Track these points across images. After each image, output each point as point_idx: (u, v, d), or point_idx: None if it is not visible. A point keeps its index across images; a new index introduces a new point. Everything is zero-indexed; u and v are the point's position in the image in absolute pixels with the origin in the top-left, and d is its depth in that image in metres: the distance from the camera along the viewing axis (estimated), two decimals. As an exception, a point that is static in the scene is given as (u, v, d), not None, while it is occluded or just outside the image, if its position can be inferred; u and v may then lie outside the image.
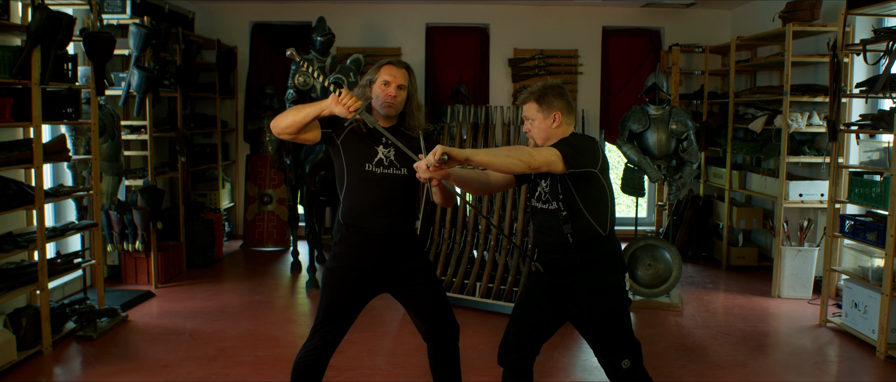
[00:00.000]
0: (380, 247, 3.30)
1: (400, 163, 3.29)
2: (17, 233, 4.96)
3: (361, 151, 3.25)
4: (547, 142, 3.21)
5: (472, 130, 6.32)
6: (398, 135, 3.30)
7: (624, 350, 3.17)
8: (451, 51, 9.31)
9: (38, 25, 4.63)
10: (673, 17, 9.16)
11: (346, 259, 3.30)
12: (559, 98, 3.21)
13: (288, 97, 7.16)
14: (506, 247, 6.01)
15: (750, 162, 7.98)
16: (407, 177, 3.31)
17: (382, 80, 3.24)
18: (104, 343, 5.14)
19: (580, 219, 3.14)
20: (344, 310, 3.34)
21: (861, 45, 5.26)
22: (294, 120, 3.15)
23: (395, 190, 3.29)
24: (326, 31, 7.31)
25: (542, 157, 2.98)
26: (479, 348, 5.11)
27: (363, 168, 3.24)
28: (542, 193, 3.25)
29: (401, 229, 3.36)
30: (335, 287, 3.32)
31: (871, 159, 5.36)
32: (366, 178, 3.24)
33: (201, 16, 8.76)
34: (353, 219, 3.28)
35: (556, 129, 3.20)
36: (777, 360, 4.98)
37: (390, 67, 3.27)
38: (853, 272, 5.48)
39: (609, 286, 3.18)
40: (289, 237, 8.59)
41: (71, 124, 5.60)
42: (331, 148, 3.32)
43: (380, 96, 3.24)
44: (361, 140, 3.26)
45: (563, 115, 3.20)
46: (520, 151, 2.98)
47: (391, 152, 3.28)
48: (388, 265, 3.34)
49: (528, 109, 3.24)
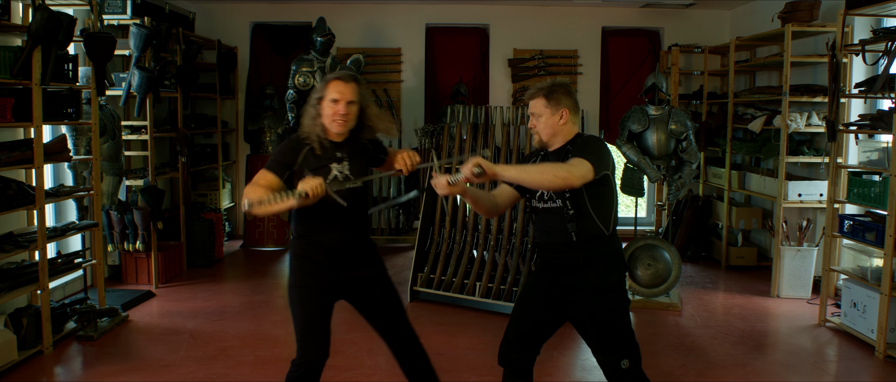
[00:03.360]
0: (335, 257, 3.30)
1: (355, 176, 3.30)
2: (18, 233, 4.97)
3: (316, 172, 3.20)
4: (552, 138, 3.21)
5: (472, 131, 6.33)
6: (351, 151, 3.31)
7: (623, 350, 3.16)
8: (450, 51, 9.32)
9: (38, 26, 4.64)
10: (672, 17, 9.17)
11: (307, 270, 3.28)
12: (567, 96, 3.21)
13: (288, 97, 7.19)
14: (505, 247, 6.02)
15: (749, 162, 7.99)
16: (361, 189, 3.34)
17: (331, 97, 3.20)
18: (105, 343, 5.15)
19: (585, 218, 3.13)
20: (321, 320, 3.33)
21: (860, 46, 5.27)
22: (266, 211, 3.07)
23: (352, 202, 3.28)
24: (326, 31, 7.33)
25: (579, 172, 2.96)
26: (479, 348, 5.12)
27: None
28: (544, 192, 3.23)
29: (354, 239, 3.36)
30: (305, 301, 3.30)
31: (870, 159, 5.37)
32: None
33: (201, 16, 8.77)
34: (308, 233, 3.28)
35: (563, 126, 3.20)
36: (776, 360, 4.99)
37: (338, 83, 3.21)
38: (852, 272, 5.48)
39: (611, 286, 3.18)
40: (289, 237, 8.59)
41: (72, 125, 5.60)
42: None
43: (329, 115, 3.21)
44: (314, 160, 3.23)
45: (570, 113, 3.20)
46: (556, 168, 2.97)
47: (346, 166, 3.27)
48: (346, 271, 3.34)
49: (535, 104, 3.23)
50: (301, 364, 3.32)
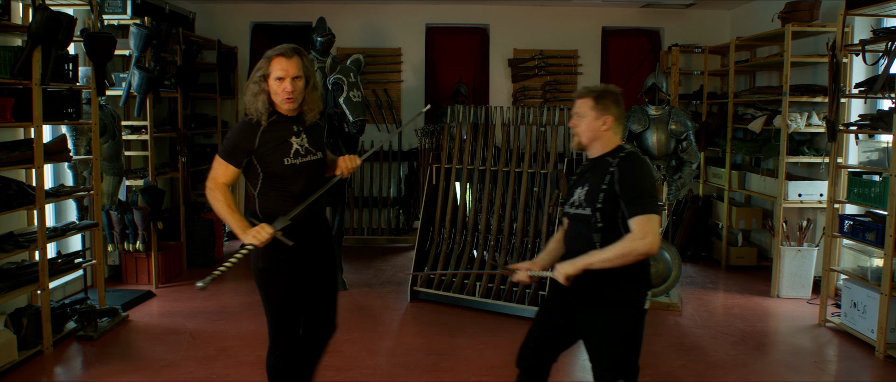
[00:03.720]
0: (302, 233, 3.27)
1: (315, 147, 3.31)
2: (18, 233, 4.97)
3: (277, 148, 3.21)
4: (592, 142, 3.15)
5: (472, 131, 6.34)
6: (302, 124, 3.31)
7: (622, 371, 3.09)
8: (451, 51, 9.32)
9: (38, 26, 4.64)
10: (672, 17, 9.17)
11: (275, 254, 3.24)
12: (616, 105, 3.14)
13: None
14: (505, 247, 6.02)
15: (749, 162, 7.99)
16: (321, 160, 3.36)
17: (275, 75, 3.17)
18: (105, 343, 5.15)
19: (613, 230, 3.05)
20: (295, 302, 3.35)
21: (860, 46, 5.27)
22: (219, 212, 3.24)
23: (313, 176, 3.31)
24: (327, 31, 7.32)
25: (654, 234, 2.93)
26: (479, 348, 5.12)
27: (282, 164, 3.22)
28: (577, 199, 3.18)
29: (320, 212, 3.41)
30: (277, 285, 3.30)
31: (870, 159, 5.37)
32: (286, 172, 3.22)
33: (202, 16, 8.77)
34: (274, 212, 3.23)
35: (604, 132, 3.12)
36: (776, 360, 4.99)
37: (281, 59, 3.17)
38: (852, 272, 5.48)
39: (628, 302, 3.08)
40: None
41: (72, 125, 5.60)
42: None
43: (278, 93, 3.18)
44: (273, 137, 3.21)
45: (614, 121, 3.13)
46: (632, 245, 2.93)
47: (304, 139, 3.28)
48: (312, 248, 3.36)
49: (581, 104, 3.17)
50: (274, 348, 3.33)
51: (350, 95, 5.89)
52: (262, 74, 3.19)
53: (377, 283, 6.96)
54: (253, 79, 3.21)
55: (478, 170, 6.24)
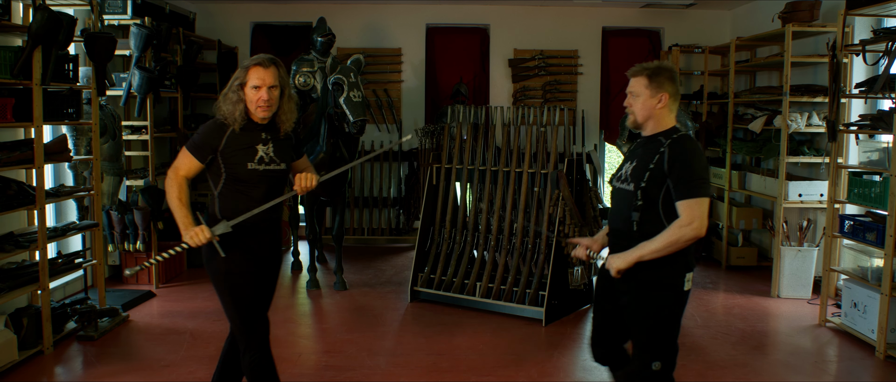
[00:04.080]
0: (258, 237, 3.39)
1: (279, 158, 3.38)
2: (19, 233, 4.97)
3: (241, 151, 3.29)
4: (646, 121, 3.17)
5: (473, 131, 6.33)
6: (275, 135, 3.39)
7: (658, 352, 3.10)
8: (451, 51, 9.32)
9: (39, 26, 4.64)
10: (672, 17, 9.16)
11: (234, 254, 3.31)
12: (670, 82, 3.14)
13: (288, 97, 7.18)
14: (506, 247, 6.02)
15: (749, 162, 7.99)
16: (284, 171, 3.43)
17: (252, 84, 3.25)
18: (105, 343, 5.15)
19: (651, 209, 3.06)
20: (260, 301, 3.42)
21: (860, 46, 5.27)
22: (170, 202, 3.32)
23: (275, 184, 3.39)
24: (327, 31, 7.33)
25: (702, 220, 2.95)
26: (479, 348, 5.12)
27: (245, 167, 3.30)
28: (624, 174, 3.21)
29: (275, 220, 3.48)
30: (244, 285, 3.35)
31: (870, 159, 5.37)
32: (247, 176, 3.30)
33: (202, 16, 8.77)
34: (233, 214, 3.30)
35: (660, 109, 3.13)
36: (776, 360, 4.99)
37: (258, 69, 3.26)
38: (852, 272, 5.48)
39: (665, 283, 3.08)
40: (289, 238, 8.59)
41: (72, 125, 5.60)
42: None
43: (253, 101, 3.26)
44: (239, 141, 3.30)
45: (669, 98, 3.14)
46: (681, 232, 2.95)
47: (270, 148, 3.35)
48: (266, 252, 3.45)
49: (636, 83, 3.18)
50: (249, 349, 3.36)
51: (350, 95, 5.89)
52: (239, 82, 3.28)
53: (377, 283, 6.96)
54: (231, 87, 3.30)
55: (478, 170, 6.24)
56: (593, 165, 6.30)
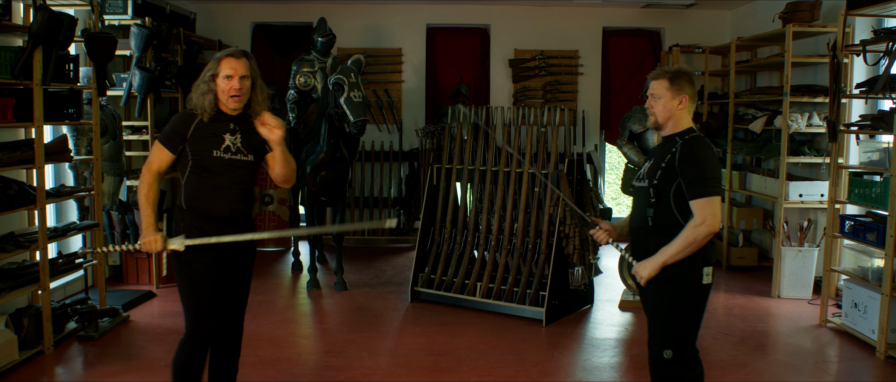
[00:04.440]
0: (225, 229, 3.38)
1: (247, 150, 3.40)
2: (19, 233, 4.97)
3: (208, 139, 3.32)
4: (668, 121, 3.26)
5: (473, 131, 6.33)
6: (245, 126, 3.40)
7: (671, 341, 3.23)
8: (451, 51, 9.33)
9: (39, 26, 4.64)
10: (673, 17, 9.17)
11: (200, 245, 3.33)
12: (690, 84, 3.26)
13: (289, 98, 7.18)
14: (506, 247, 6.02)
15: (750, 162, 7.99)
16: (251, 163, 3.43)
17: (224, 74, 3.30)
18: (106, 343, 5.15)
19: (664, 205, 3.20)
20: (217, 294, 3.40)
21: (861, 46, 5.27)
22: (139, 199, 3.38)
23: (241, 175, 3.41)
24: (327, 31, 7.33)
25: (714, 218, 3.08)
26: (480, 348, 5.12)
27: (210, 154, 3.33)
28: (642, 173, 3.36)
29: (243, 212, 3.47)
30: (201, 277, 3.35)
31: (870, 159, 5.37)
32: (213, 164, 3.33)
33: (202, 16, 8.77)
34: (198, 202, 3.35)
35: (680, 111, 3.24)
36: (777, 360, 4.99)
37: (230, 59, 3.31)
38: (853, 273, 5.48)
39: (680, 276, 3.19)
40: (290, 238, 8.60)
41: (72, 125, 5.61)
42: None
43: (225, 91, 3.31)
44: (206, 129, 3.33)
45: (689, 100, 3.25)
46: (696, 232, 3.09)
47: (238, 138, 3.37)
48: (234, 246, 3.42)
49: (657, 85, 3.28)
50: (192, 340, 3.38)
51: (351, 95, 5.89)
52: (211, 73, 3.32)
53: (378, 283, 6.96)
54: (203, 78, 3.34)
55: (478, 170, 6.24)
56: (594, 165, 6.29)
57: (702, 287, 3.22)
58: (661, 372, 3.30)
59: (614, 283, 6.78)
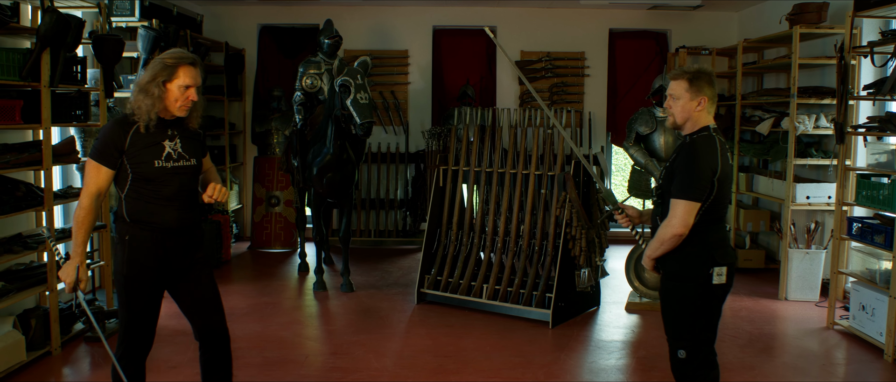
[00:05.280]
0: (171, 240, 3.25)
1: (188, 154, 3.27)
2: (27, 234, 4.99)
3: (147, 149, 3.15)
4: (687, 122, 3.28)
5: (479, 133, 6.33)
6: (181, 130, 3.28)
7: (682, 340, 3.26)
8: (458, 53, 9.33)
9: (47, 28, 4.66)
10: (680, 19, 9.15)
11: (140, 259, 3.21)
12: (710, 85, 3.26)
13: (295, 99, 7.19)
14: (512, 249, 6.01)
15: (757, 164, 7.97)
16: (195, 167, 3.32)
17: (183, 83, 3.16)
18: (113, 344, 5.15)
19: (665, 205, 3.24)
20: (149, 312, 3.32)
21: (868, 48, 5.25)
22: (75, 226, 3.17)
23: (185, 182, 3.26)
24: (334, 33, 7.33)
25: (681, 222, 3.12)
26: (486, 349, 5.12)
27: (152, 166, 3.16)
28: (661, 172, 3.46)
29: (191, 222, 3.34)
30: (136, 293, 3.25)
31: (878, 161, 5.35)
32: (156, 174, 3.17)
33: (209, 18, 8.79)
34: (143, 215, 3.19)
35: (699, 112, 3.25)
36: (784, 363, 4.98)
37: (189, 68, 3.17)
38: (861, 275, 5.46)
39: (689, 274, 3.22)
40: (296, 239, 8.61)
41: (80, 126, 5.63)
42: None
43: (179, 99, 3.17)
44: (144, 139, 3.16)
45: (708, 101, 3.25)
46: (663, 230, 3.17)
47: (177, 143, 3.24)
48: (180, 256, 3.31)
49: (676, 86, 3.28)
50: (125, 357, 3.31)
51: (357, 97, 5.90)
52: (163, 79, 3.15)
53: (384, 285, 6.96)
54: (154, 81, 3.14)
55: (485, 172, 6.24)
56: (600, 166, 6.29)
57: (712, 288, 3.21)
58: (677, 372, 3.33)
59: (621, 285, 6.77)
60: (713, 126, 3.26)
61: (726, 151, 3.24)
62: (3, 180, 4.71)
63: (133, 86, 3.22)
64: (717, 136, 3.25)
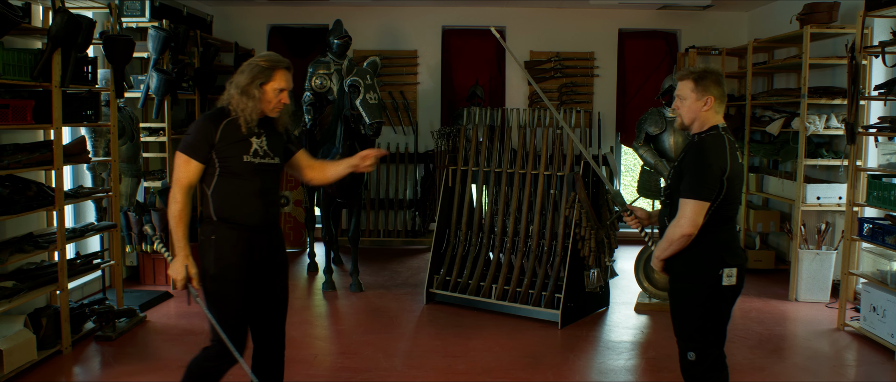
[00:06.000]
0: (257, 238, 3.29)
1: (273, 152, 3.33)
2: (38, 234, 5.02)
3: (236, 144, 3.21)
4: (694, 122, 3.27)
5: (489, 133, 6.33)
6: (269, 129, 3.33)
7: (690, 341, 3.26)
8: (467, 53, 9.33)
9: (58, 29, 4.68)
10: (689, 19, 9.13)
11: (228, 257, 3.23)
12: (716, 85, 3.24)
13: (305, 99, 7.21)
14: (521, 250, 6.01)
15: (767, 165, 7.94)
16: (279, 166, 3.39)
17: (278, 86, 3.23)
18: (123, 343, 5.19)
19: (673, 205, 3.23)
20: (241, 310, 3.31)
21: (880, 48, 5.23)
22: (170, 219, 3.27)
23: (269, 179, 3.33)
24: (343, 33, 7.34)
25: (690, 222, 3.11)
26: (495, 350, 5.12)
27: (240, 160, 3.21)
28: (669, 172, 3.44)
29: (274, 220, 3.39)
30: (227, 292, 3.26)
31: (889, 161, 5.32)
32: (242, 169, 3.22)
33: (219, 18, 8.82)
34: (229, 212, 3.24)
35: (706, 112, 3.23)
36: (794, 364, 4.96)
37: (285, 73, 3.26)
38: (871, 276, 5.44)
39: (696, 276, 3.21)
40: (306, 239, 8.63)
41: (91, 126, 5.66)
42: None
43: (272, 101, 3.25)
44: (234, 134, 3.22)
45: (715, 101, 3.23)
46: (672, 230, 3.16)
47: (264, 141, 3.29)
48: (265, 255, 3.33)
49: (683, 86, 3.27)
50: (219, 357, 3.29)
51: (366, 97, 5.90)
52: (262, 82, 3.21)
53: (393, 285, 6.97)
54: (253, 83, 3.20)
55: (494, 172, 6.24)
56: (610, 167, 6.27)
57: (722, 289, 3.19)
58: (686, 373, 3.33)
59: (630, 286, 6.75)
60: (722, 125, 3.24)
61: (736, 150, 3.21)
62: (14, 180, 4.73)
63: (229, 86, 3.28)
64: (727, 135, 3.22)
